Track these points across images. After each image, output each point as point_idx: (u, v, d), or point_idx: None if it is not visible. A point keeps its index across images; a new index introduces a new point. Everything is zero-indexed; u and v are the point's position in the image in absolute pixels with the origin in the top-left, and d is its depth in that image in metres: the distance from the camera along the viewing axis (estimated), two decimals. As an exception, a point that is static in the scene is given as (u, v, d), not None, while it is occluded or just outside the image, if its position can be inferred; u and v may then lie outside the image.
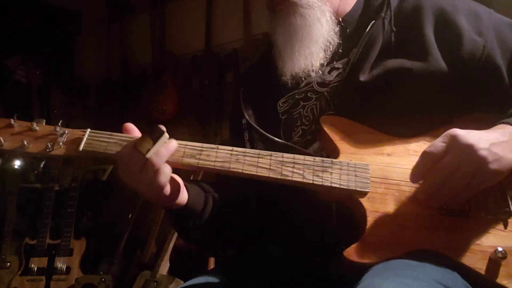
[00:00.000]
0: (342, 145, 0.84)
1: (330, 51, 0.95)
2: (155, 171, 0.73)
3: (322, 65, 0.95)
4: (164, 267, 2.20)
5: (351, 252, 0.73)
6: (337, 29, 0.96)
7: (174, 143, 0.76)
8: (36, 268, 2.31)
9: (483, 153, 0.71)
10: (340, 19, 0.98)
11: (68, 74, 3.25)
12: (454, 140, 0.73)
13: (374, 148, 0.84)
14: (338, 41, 0.96)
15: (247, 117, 0.98)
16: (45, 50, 3.11)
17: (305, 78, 0.96)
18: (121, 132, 0.81)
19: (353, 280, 0.68)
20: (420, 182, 0.77)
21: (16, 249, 2.37)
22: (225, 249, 1.14)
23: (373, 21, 0.92)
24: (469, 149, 0.71)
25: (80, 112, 3.14)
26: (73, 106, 3.07)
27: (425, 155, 0.75)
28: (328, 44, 0.95)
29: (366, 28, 0.91)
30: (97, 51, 3.36)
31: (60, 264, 2.34)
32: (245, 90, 1.04)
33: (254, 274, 0.88)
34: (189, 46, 2.83)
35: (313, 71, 0.95)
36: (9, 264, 2.32)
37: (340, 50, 0.96)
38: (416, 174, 0.76)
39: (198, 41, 2.75)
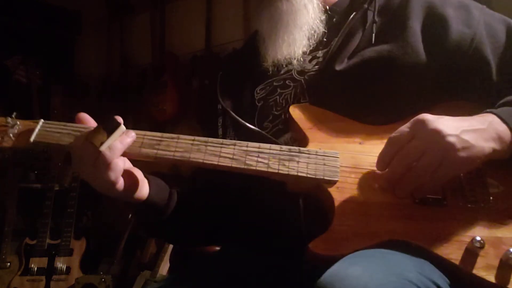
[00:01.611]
0: (311, 133, 0.81)
1: (314, 40, 0.93)
2: (106, 166, 0.70)
3: (304, 53, 0.93)
4: (164, 267, 2.20)
5: (317, 244, 0.69)
6: (324, 17, 0.94)
7: (130, 137, 0.73)
8: (36, 268, 2.32)
9: (451, 139, 0.67)
10: (328, 7, 0.97)
11: (68, 74, 3.25)
12: (420, 125, 0.69)
13: (345, 136, 0.80)
14: (324, 30, 0.93)
15: (221, 102, 0.95)
16: (45, 50, 3.10)
17: (286, 66, 0.94)
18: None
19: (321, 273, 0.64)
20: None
21: (16, 249, 2.37)
22: (194, 246, 1.09)
23: (354, 13, 0.92)
24: (436, 135, 0.67)
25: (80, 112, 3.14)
26: (73, 106, 3.06)
27: (390, 141, 0.72)
28: (312, 32, 0.92)
29: (347, 19, 0.91)
30: (97, 51, 3.36)
31: (60, 264, 2.34)
32: (223, 75, 1.01)
33: (215, 278, 0.86)
34: (189, 46, 2.83)
35: (295, 58, 0.92)
36: (9, 264, 2.32)
37: (325, 39, 0.94)
38: (382, 160, 0.73)
39: (198, 41, 2.75)
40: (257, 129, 0.89)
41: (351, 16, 0.91)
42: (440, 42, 0.84)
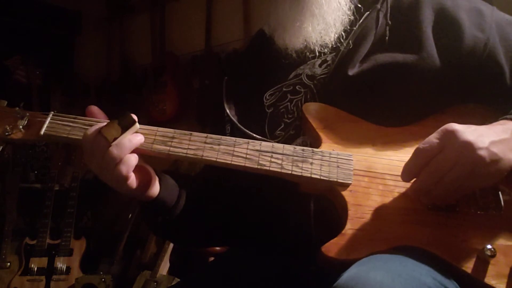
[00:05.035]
0: (324, 133, 0.80)
1: (343, 27, 0.89)
2: (115, 161, 0.69)
3: (335, 42, 0.89)
4: (164, 267, 2.20)
5: (330, 248, 0.68)
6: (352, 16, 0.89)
7: (140, 138, 0.73)
8: (36, 268, 2.31)
9: (482, 153, 0.66)
10: None
11: (68, 74, 3.25)
12: (450, 137, 0.68)
13: (359, 138, 0.79)
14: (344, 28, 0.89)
15: (227, 110, 0.93)
16: (45, 50, 3.10)
17: (309, 53, 0.90)
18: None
19: (331, 278, 0.63)
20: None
21: (16, 249, 2.37)
22: (200, 247, 1.06)
23: (367, 13, 0.89)
24: (467, 147, 0.66)
25: (80, 112, 3.13)
26: (73, 106, 3.07)
27: (418, 152, 0.70)
28: (341, 20, 0.88)
29: (359, 20, 0.88)
30: (97, 51, 3.36)
31: (60, 264, 2.34)
32: (229, 80, 0.99)
33: (227, 283, 0.84)
34: (189, 46, 2.83)
35: (327, 45, 0.88)
36: (9, 264, 2.32)
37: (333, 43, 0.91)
38: (408, 172, 0.71)
39: (198, 41, 2.75)
40: (269, 140, 0.86)
41: (364, 16, 0.89)
42: (453, 47, 0.83)
